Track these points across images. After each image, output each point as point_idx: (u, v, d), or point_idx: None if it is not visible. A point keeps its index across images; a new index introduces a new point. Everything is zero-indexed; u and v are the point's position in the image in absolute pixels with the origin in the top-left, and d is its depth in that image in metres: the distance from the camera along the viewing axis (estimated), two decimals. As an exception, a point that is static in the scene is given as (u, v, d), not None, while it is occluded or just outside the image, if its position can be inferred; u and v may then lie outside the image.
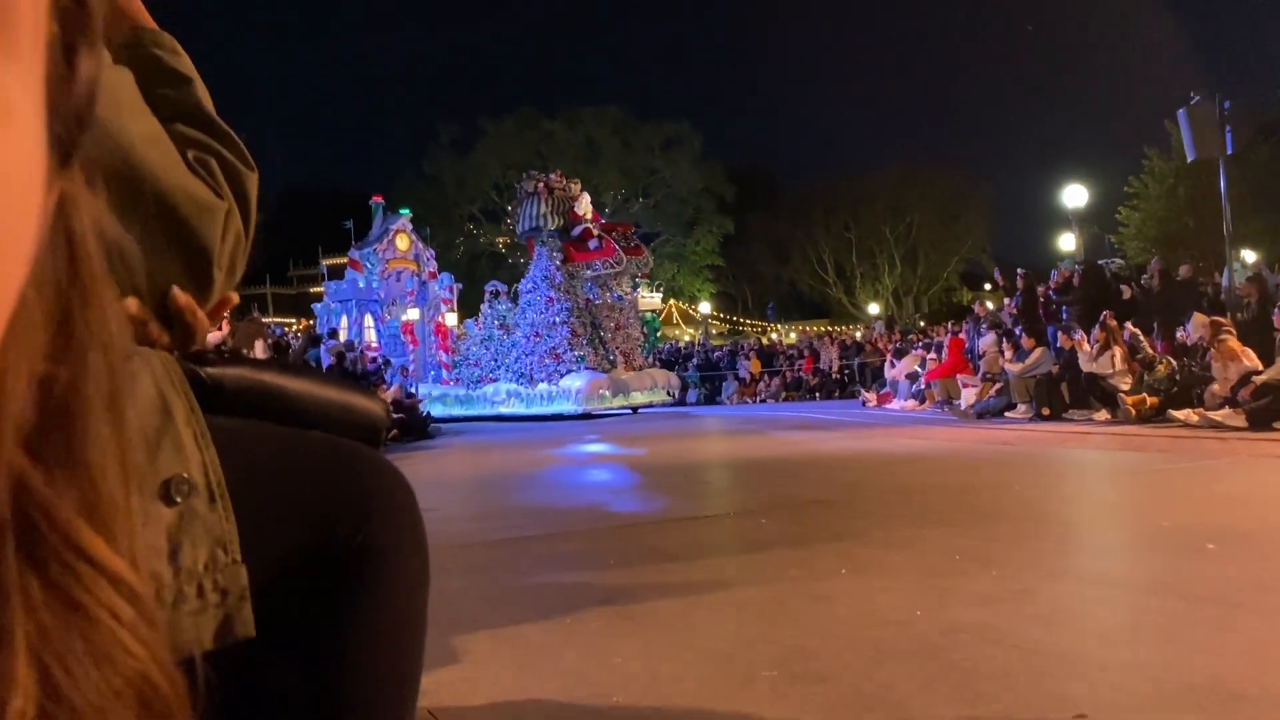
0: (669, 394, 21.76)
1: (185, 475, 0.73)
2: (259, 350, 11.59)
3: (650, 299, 27.26)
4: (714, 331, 45.54)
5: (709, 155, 48.69)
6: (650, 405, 20.70)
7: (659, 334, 35.79)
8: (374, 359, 19.74)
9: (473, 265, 42.18)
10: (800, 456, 8.68)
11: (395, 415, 14.48)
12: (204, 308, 0.92)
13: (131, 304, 0.88)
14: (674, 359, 28.16)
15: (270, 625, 0.75)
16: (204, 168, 0.90)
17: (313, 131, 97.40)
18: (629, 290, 22.89)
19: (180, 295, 0.89)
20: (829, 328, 42.20)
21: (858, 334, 33.80)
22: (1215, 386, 9.77)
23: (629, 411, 19.83)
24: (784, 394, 24.29)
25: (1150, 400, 10.41)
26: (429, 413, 17.83)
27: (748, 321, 51.26)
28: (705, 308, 48.50)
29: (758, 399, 24.31)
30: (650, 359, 23.83)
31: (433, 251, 26.20)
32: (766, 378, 25.66)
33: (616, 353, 21.15)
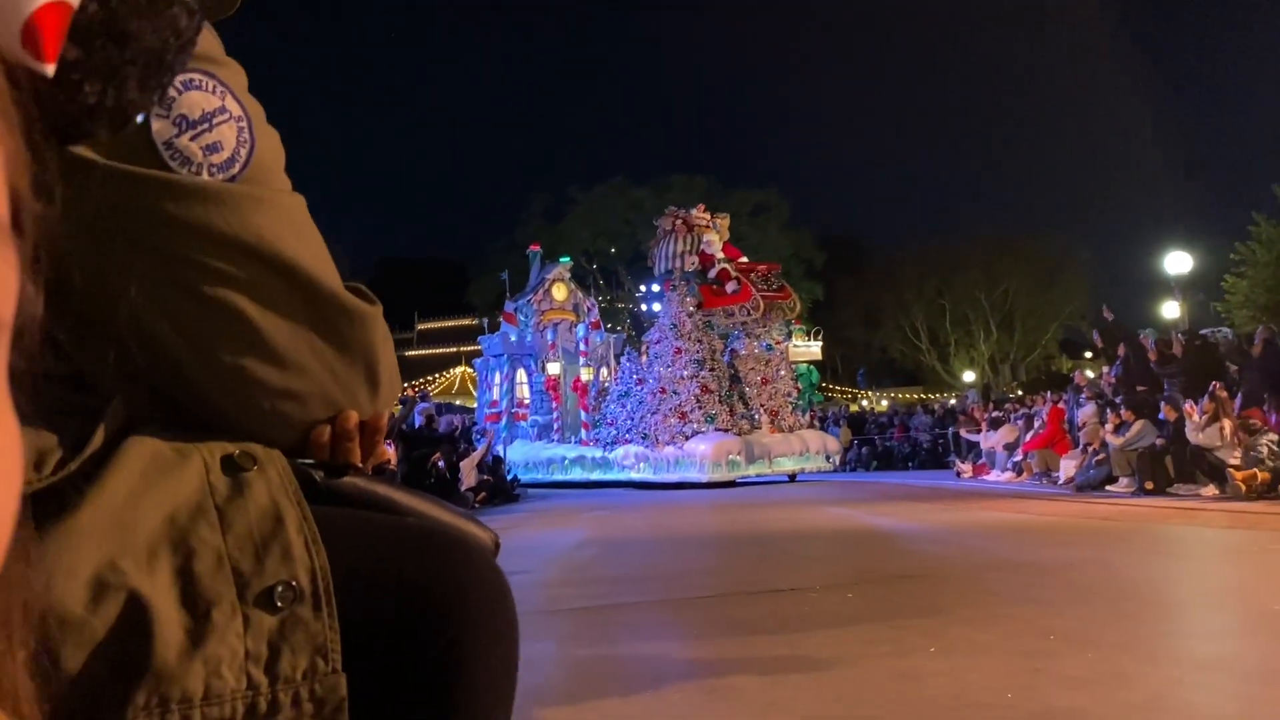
0: (827, 459, 18.73)
1: (292, 582, 0.74)
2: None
3: (807, 348, 24.92)
4: (802, 398, 44.99)
5: (797, 222, 48.73)
6: (804, 471, 17.93)
7: (817, 389, 31.45)
8: (474, 427, 19.55)
9: (563, 330, 42.79)
10: (891, 529, 8.50)
11: (482, 478, 14.70)
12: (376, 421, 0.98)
13: (353, 418, 0.94)
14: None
15: None
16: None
17: (410, 202, 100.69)
18: (780, 339, 20.14)
19: (354, 418, 0.94)
20: (922, 395, 41.35)
21: (951, 400, 32.98)
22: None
23: (785, 479, 17.37)
24: (874, 463, 23.85)
25: (1262, 475, 9.95)
26: (516, 476, 18.00)
27: (837, 388, 50.66)
28: (794, 374, 48.03)
29: (847, 468, 23.86)
30: (806, 418, 20.24)
31: (594, 300, 24.30)
32: (856, 445, 25.22)
33: (760, 411, 18.35)
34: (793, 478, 17.59)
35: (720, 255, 18.87)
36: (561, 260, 24.12)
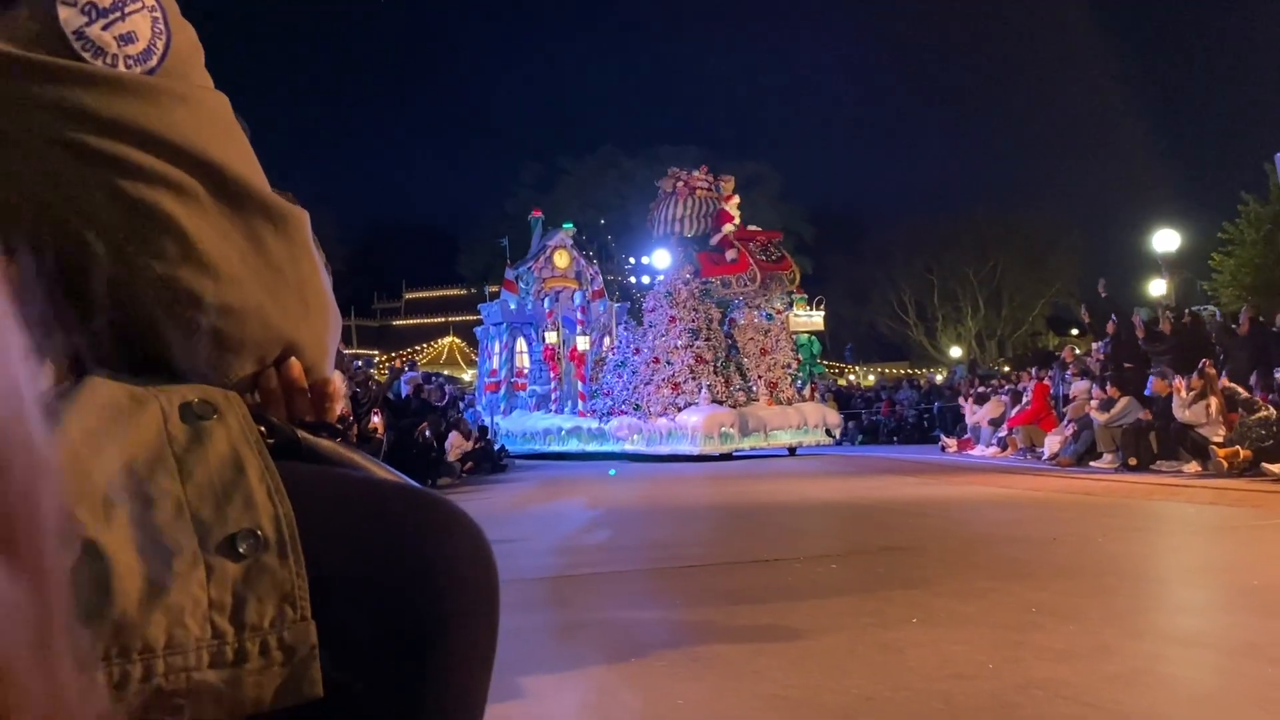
0: (829, 433, 18.23)
1: (256, 530, 0.71)
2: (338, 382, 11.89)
3: (808, 318, 23.99)
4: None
5: (787, 196, 48.64)
6: (802, 445, 17.51)
7: (819, 360, 30.48)
8: (464, 397, 19.29)
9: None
10: (876, 501, 8.54)
11: (468, 449, 14.74)
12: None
13: (296, 366, 0.89)
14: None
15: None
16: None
17: (398, 171, 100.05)
18: (781, 308, 19.21)
19: (297, 367, 0.89)
20: (909, 370, 41.47)
21: (938, 377, 33.13)
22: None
23: (784, 453, 17.00)
24: (860, 438, 23.96)
25: (1244, 453, 10.03)
26: (503, 446, 18.01)
27: (824, 363, 50.75)
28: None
29: (832, 441, 23.90)
30: (807, 390, 19.67)
31: (597, 269, 23.36)
32: (842, 420, 25.29)
33: (759, 383, 17.70)
34: (792, 451, 17.25)
35: (736, 218, 18.20)
36: (564, 226, 23.26)
